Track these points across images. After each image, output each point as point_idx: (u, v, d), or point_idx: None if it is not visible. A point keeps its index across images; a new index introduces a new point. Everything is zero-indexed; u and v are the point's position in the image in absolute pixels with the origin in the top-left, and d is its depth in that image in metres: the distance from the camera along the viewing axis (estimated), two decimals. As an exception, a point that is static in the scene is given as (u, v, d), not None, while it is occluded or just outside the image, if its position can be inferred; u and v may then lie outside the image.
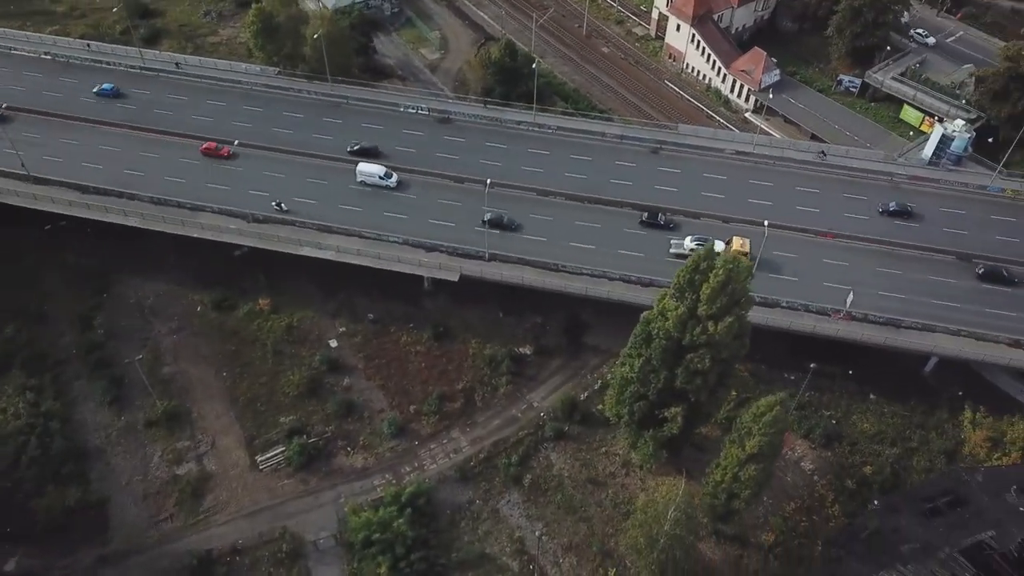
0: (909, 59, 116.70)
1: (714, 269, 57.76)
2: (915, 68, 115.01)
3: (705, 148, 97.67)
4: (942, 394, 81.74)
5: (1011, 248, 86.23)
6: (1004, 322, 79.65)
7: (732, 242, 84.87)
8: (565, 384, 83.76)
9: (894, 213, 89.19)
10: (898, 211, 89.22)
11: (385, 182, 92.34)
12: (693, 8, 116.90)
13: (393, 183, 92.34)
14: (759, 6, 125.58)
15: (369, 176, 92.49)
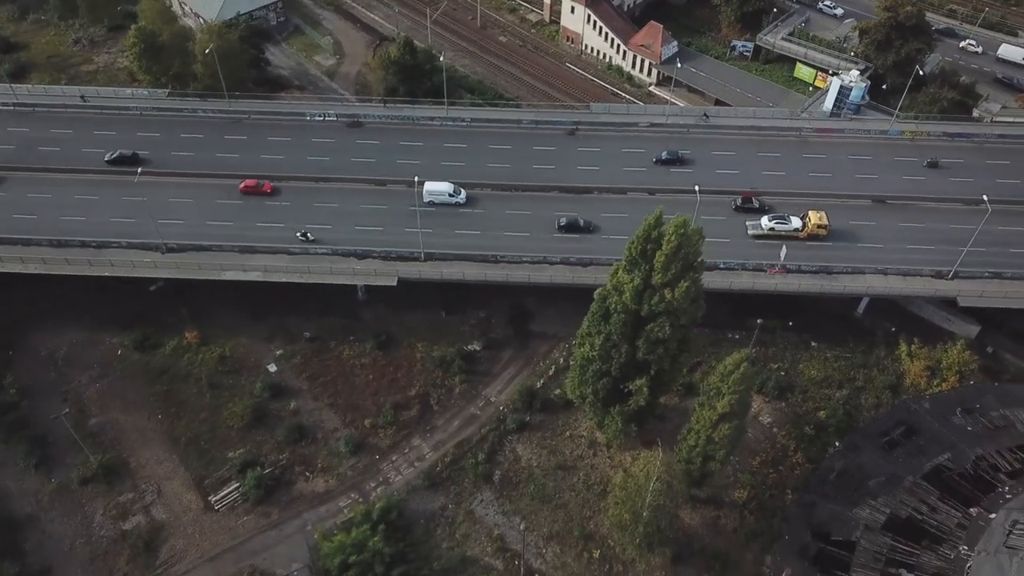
0: (794, 19, 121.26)
1: (666, 236, 57.75)
2: (801, 27, 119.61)
3: (620, 124, 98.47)
4: (877, 332, 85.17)
5: (920, 186, 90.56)
6: (918, 255, 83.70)
7: (810, 216, 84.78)
8: (519, 375, 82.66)
9: (667, 161, 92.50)
10: (671, 159, 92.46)
11: (455, 199, 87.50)
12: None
13: (463, 199, 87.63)
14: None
15: (437, 195, 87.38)
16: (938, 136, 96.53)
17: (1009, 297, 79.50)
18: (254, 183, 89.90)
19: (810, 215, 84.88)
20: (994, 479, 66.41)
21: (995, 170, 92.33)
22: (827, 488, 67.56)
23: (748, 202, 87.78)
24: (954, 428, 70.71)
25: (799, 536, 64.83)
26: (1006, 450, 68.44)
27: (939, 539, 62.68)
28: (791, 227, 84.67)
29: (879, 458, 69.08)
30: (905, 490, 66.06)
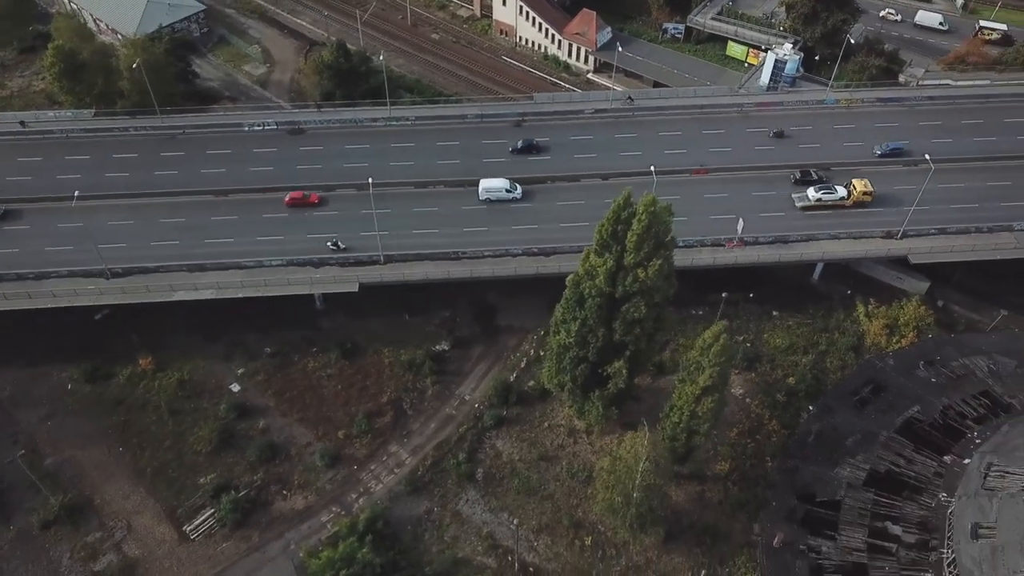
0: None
1: (636, 215, 57.73)
2: (729, 5, 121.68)
3: (565, 112, 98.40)
4: (834, 297, 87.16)
5: (858, 151, 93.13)
6: (867, 218, 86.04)
7: (855, 184, 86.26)
8: (491, 370, 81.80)
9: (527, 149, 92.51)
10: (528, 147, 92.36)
11: (512, 194, 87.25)
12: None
13: (519, 194, 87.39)
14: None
15: (494, 191, 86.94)
16: (872, 102, 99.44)
17: (955, 251, 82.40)
18: (300, 195, 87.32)
19: (855, 183, 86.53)
20: (962, 426, 68.73)
21: (929, 131, 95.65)
22: (807, 451, 68.85)
23: (807, 175, 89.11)
24: (919, 381, 72.92)
25: (785, 501, 65.86)
26: (970, 397, 70.95)
27: (919, 489, 64.51)
28: (837, 196, 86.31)
29: (852, 417, 70.71)
30: (881, 445, 67.77)
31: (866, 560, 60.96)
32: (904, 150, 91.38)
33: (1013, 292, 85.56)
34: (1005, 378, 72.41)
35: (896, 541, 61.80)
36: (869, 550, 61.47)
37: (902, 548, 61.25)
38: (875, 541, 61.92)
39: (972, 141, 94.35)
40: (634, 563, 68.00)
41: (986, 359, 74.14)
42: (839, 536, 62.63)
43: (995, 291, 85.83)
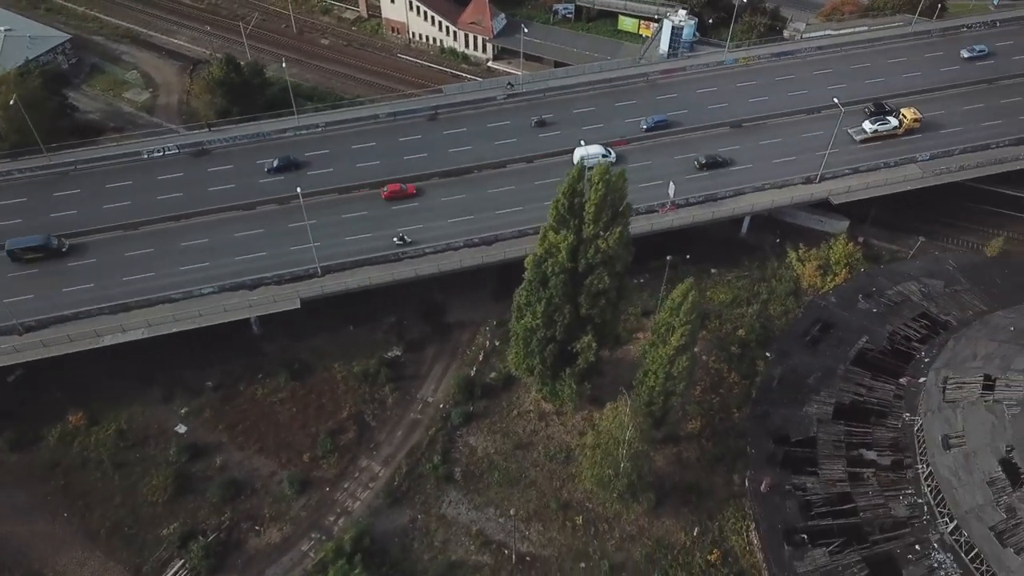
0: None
1: (592, 186, 57.51)
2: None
3: (478, 100, 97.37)
4: (764, 247, 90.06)
5: (764, 105, 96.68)
6: (784, 167, 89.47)
7: (904, 114, 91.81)
8: (449, 368, 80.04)
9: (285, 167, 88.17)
10: (286, 165, 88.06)
11: (608, 158, 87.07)
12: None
13: (614, 158, 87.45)
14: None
15: (591, 157, 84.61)
16: (767, 58, 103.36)
17: (871, 187, 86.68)
18: (397, 187, 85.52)
19: (904, 112, 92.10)
20: (910, 349, 72.35)
21: (823, 79, 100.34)
22: (773, 396, 70.71)
23: (881, 107, 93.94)
24: (862, 314, 76.24)
25: (763, 446, 67.41)
26: (910, 320, 74.76)
27: (883, 414, 67.45)
28: (891, 126, 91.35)
29: (808, 357, 73.17)
30: (840, 379, 70.42)
31: (849, 488, 63.12)
32: (667, 122, 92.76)
33: (923, 220, 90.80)
34: (937, 298, 76.73)
35: (873, 465, 64.34)
36: (850, 478, 63.72)
37: (880, 471, 63.83)
38: (854, 469, 64.26)
39: (863, 84, 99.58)
40: (627, 533, 68.04)
41: (916, 284, 78.32)
42: (820, 471, 64.60)
43: (908, 221, 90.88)
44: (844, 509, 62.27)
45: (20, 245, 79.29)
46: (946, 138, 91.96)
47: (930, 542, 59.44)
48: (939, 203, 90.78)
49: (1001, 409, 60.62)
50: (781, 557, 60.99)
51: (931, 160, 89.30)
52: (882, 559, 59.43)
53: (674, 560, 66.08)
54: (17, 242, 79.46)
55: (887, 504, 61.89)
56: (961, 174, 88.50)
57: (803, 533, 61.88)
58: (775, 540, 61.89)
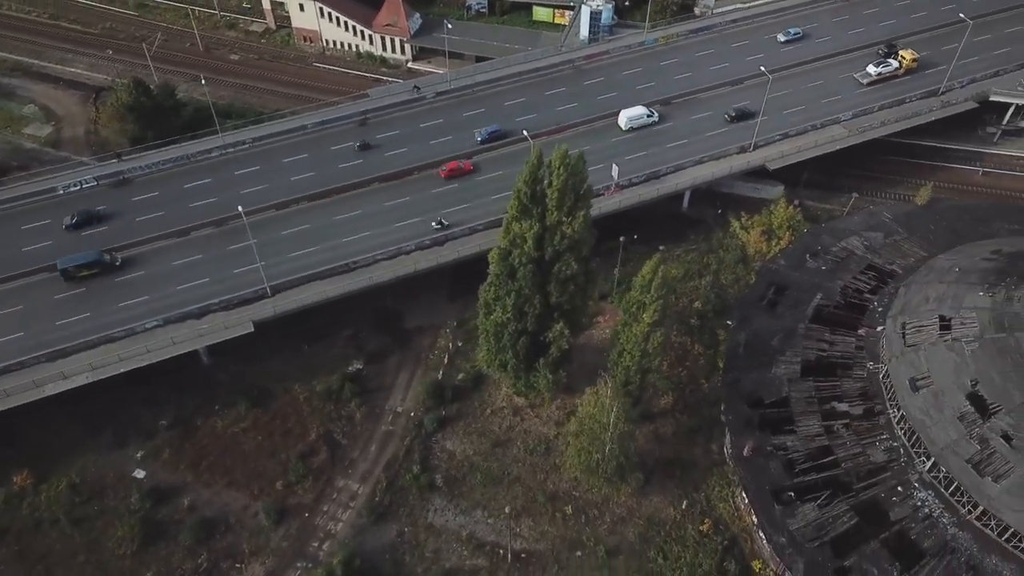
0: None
1: (553, 170, 56.94)
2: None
3: (407, 102, 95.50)
4: (707, 219, 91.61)
5: (689, 80, 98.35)
6: (719, 138, 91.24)
7: (903, 55, 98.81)
8: (415, 375, 78.24)
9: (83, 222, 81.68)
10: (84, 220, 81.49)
11: (652, 119, 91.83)
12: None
13: (656, 118, 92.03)
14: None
15: (636, 119, 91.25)
16: (685, 35, 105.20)
17: (802, 150, 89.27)
18: (455, 164, 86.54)
19: (903, 54, 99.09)
20: (863, 300, 74.71)
21: (740, 51, 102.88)
22: (741, 362, 71.75)
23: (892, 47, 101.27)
24: (812, 272, 78.28)
25: (738, 412, 68.31)
26: (859, 274, 77.17)
27: (848, 366, 69.37)
28: (892, 68, 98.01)
29: (768, 320, 74.61)
30: (803, 337, 72.07)
31: (827, 441, 64.67)
32: (501, 132, 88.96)
33: (853, 178, 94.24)
34: (879, 250, 79.49)
35: (846, 417, 66.11)
36: (826, 432, 65.28)
37: (853, 421, 65.63)
38: (829, 423, 65.86)
39: (780, 53, 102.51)
40: (618, 516, 67.98)
41: (858, 238, 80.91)
42: (797, 428, 65.95)
43: (839, 181, 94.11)
44: (825, 462, 63.72)
45: (74, 263, 75.93)
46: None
47: (910, 482, 61.47)
48: (866, 160, 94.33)
49: (960, 346, 63.19)
50: (773, 517, 61.94)
51: (853, 119, 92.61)
52: (868, 505, 61.09)
53: (667, 535, 66.42)
54: (71, 260, 76.18)
55: (865, 452, 63.69)
56: (882, 129, 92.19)
57: (790, 491, 62.99)
58: (765, 501, 62.82)
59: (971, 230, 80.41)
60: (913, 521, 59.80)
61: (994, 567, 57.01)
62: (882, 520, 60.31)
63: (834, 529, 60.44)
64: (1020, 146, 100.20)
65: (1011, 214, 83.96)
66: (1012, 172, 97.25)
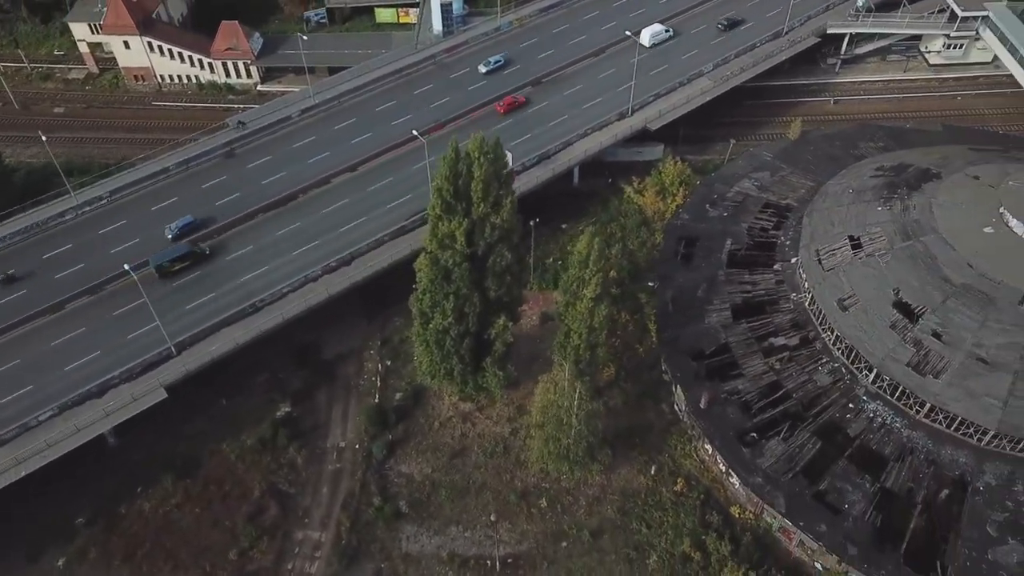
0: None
1: (474, 161, 54.72)
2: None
3: (271, 125, 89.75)
4: (599, 190, 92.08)
5: (553, 58, 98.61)
6: (596, 109, 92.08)
7: None
8: (350, 405, 73.91)
9: None
10: None
11: (668, 33, 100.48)
12: (131, 17, 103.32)
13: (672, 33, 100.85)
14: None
15: (657, 34, 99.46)
16: (538, 14, 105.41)
17: (677, 106, 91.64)
18: (511, 99, 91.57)
19: None
20: (769, 238, 77.52)
21: (597, 20, 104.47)
22: (673, 319, 72.64)
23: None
24: (715, 220, 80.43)
25: (683, 367, 69.09)
26: (758, 213, 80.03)
27: (774, 302, 71.75)
28: None
29: (688, 273, 75.89)
30: (724, 283, 73.87)
31: (775, 377, 66.59)
32: (194, 223, 78.49)
33: (725, 125, 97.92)
34: (771, 187, 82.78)
35: (785, 349, 68.30)
36: (771, 368, 67.19)
37: (793, 352, 67.92)
38: (770, 359, 67.82)
39: (629, 18, 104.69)
40: (592, 497, 67.13)
41: (748, 180, 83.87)
42: (743, 371, 67.50)
43: (713, 131, 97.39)
44: (778, 397, 65.53)
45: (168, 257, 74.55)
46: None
47: (859, 397, 64.34)
48: (733, 108, 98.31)
49: (875, 261, 66.70)
50: (743, 460, 63.05)
51: (715, 70, 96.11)
52: (827, 427, 63.37)
53: (644, 504, 66.22)
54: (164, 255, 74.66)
55: (811, 378, 66.03)
56: (743, 76, 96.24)
57: (752, 432, 64.33)
58: (732, 447, 63.83)
59: (844, 154, 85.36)
60: (870, 432, 62.61)
61: (950, 456, 60.65)
62: (843, 438, 62.73)
63: (802, 457, 62.27)
64: (858, 72, 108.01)
65: (871, 133, 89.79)
66: (858, 96, 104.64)
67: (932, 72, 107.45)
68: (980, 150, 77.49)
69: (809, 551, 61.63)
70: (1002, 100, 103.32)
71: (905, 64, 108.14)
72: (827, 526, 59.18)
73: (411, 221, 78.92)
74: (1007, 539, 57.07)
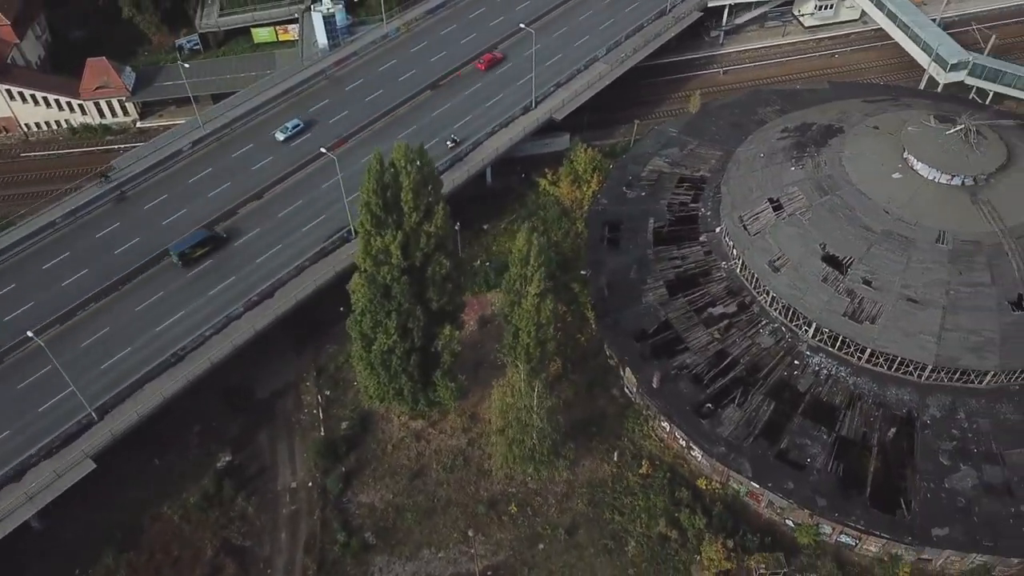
0: None
1: (402, 170, 52.55)
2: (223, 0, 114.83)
3: (163, 161, 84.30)
4: (515, 187, 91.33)
5: (447, 60, 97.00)
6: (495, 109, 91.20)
7: None
8: (294, 443, 70.28)
9: None
10: None
11: None
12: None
13: None
14: (38, 30, 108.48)
15: None
16: (424, 17, 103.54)
17: (579, 93, 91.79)
18: (490, 56, 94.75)
19: None
20: (689, 211, 78.60)
21: (482, 18, 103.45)
22: (610, 303, 72.55)
23: None
24: (634, 202, 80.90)
25: (629, 350, 69.08)
26: (675, 189, 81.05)
27: (706, 272, 72.74)
28: None
29: (616, 256, 76.06)
30: (654, 261, 74.37)
31: (720, 346, 67.45)
32: None
33: (626, 107, 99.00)
34: (683, 163, 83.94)
35: (724, 318, 69.30)
36: (715, 338, 68.01)
37: (732, 319, 68.99)
38: (713, 329, 68.66)
39: (516, 12, 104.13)
40: (561, 494, 66.22)
41: (659, 158, 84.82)
42: (688, 345, 68.07)
43: (615, 114, 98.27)
44: (726, 364, 66.39)
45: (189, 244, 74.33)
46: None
47: (802, 353, 65.94)
48: (632, 89, 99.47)
49: (798, 219, 68.53)
50: (703, 432, 63.52)
51: (609, 54, 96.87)
52: (778, 386, 64.64)
53: (613, 492, 65.83)
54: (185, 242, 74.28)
55: (754, 342, 67.22)
56: (636, 56, 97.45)
57: (707, 403, 64.89)
58: (690, 421, 64.20)
59: (746, 120, 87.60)
60: (818, 385, 64.26)
61: (896, 396, 62.94)
62: (794, 395, 64.12)
63: (759, 420, 63.25)
64: (741, 41, 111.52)
65: (766, 98, 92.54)
66: (745, 65, 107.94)
67: (808, 34, 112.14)
68: (872, 101, 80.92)
69: (778, 510, 62.68)
70: (876, 54, 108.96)
71: (783, 29, 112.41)
72: (793, 483, 60.29)
73: (331, 242, 75.91)
74: (959, 466, 59.65)
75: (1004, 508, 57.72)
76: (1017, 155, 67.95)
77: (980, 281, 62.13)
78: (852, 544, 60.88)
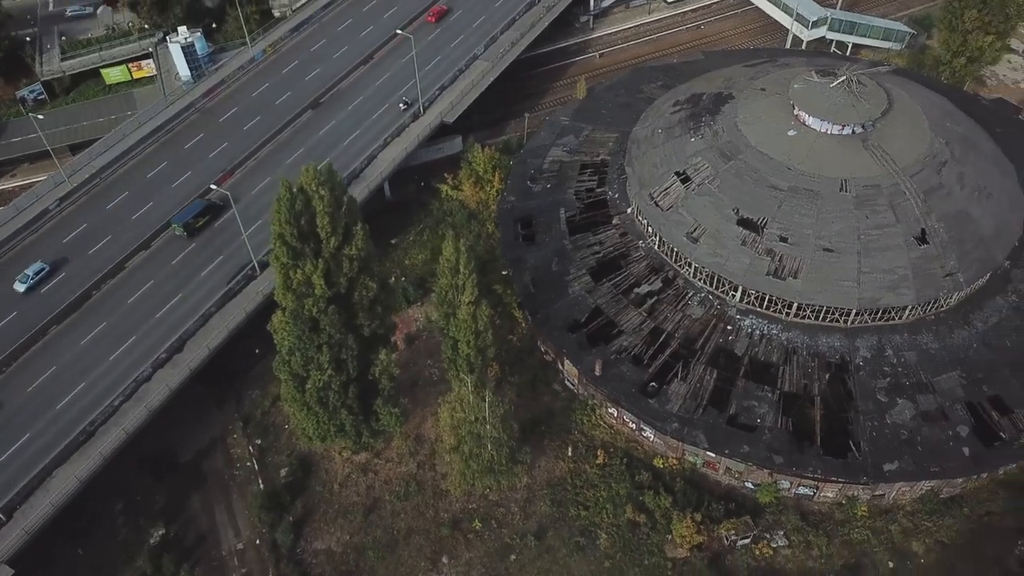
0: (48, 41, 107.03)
1: (315, 196, 49.30)
2: (64, 43, 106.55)
3: (28, 224, 76.77)
4: (415, 197, 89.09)
5: (322, 76, 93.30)
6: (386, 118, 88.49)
7: None
8: (233, 502, 65.52)
9: None
10: None
11: None
12: None
13: None
14: None
15: None
16: (288, 37, 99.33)
17: (466, 94, 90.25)
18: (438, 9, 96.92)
19: None
20: (597, 196, 78.51)
21: (348, 31, 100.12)
22: (539, 298, 71.40)
23: None
24: (542, 194, 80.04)
25: (566, 343, 68.16)
26: (578, 176, 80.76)
27: (625, 254, 72.77)
28: None
29: (535, 251, 74.96)
30: (573, 251, 73.82)
31: (653, 323, 67.58)
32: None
33: (514, 102, 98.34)
34: (581, 149, 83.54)
35: (651, 296, 69.52)
36: (648, 316, 68.12)
37: (660, 296, 69.27)
38: (643, 309, 68.72)
39: (382, 19, 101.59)
40: (523, 500, 64.65)
41: (557, 148, 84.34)
42: (622, 328, 67.84)
43: (503, 111, 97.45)
44: (663, 341, 66.56)
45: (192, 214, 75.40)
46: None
47: (732, 317, 66.95)
48: (515, 84, 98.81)
49: (707, 188, 69.49)
50: (651, 411, 63.37)
51: (488, 51, 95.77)
52: (716, 354, 65.28)
53: (574, 488, 64.84)
54: None
55: (685, 314, 67.73)
56: (515, 50, 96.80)
57: (651, 382, 64.85)
58: (639, 403, 63.96)
59: (633, 100, 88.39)
60: (754, 346, 65.38)
61: (828, 344, 64.82)
62: (733, 360, 64.96)
63: (705, 390, 63.70)
64: (610, 24, 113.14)
65: (647, 75, 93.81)
66: (618, 46, 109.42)
67: (672, 9, 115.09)
68: (752, 65, 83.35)
69: (736, 474, 63.44)
70: (738, 20, 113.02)
71: (648, 7, 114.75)
72: (748, 445, 61.00)
73: (235, 282, 71.23)
74: (896, 400, 62.04)
75: (943, 432, 60.42)
76: (895, 98, 71.43)
77: (886, 222, 64.84)
78: (811, 494, 62.33)
